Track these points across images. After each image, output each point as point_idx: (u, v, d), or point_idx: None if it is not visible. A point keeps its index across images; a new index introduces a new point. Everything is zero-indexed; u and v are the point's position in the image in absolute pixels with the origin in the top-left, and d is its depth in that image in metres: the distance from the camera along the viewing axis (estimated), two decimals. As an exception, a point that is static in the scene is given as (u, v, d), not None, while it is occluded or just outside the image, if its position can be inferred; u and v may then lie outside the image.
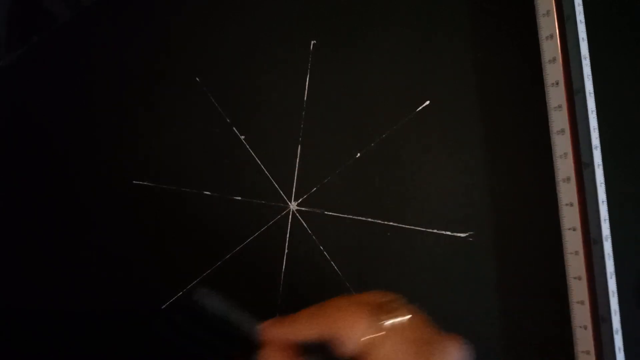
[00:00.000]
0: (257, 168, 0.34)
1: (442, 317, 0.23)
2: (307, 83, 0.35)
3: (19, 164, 0.36)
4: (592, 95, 0.32)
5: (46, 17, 0.37)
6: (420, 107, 0.34)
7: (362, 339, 0.22)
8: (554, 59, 0.33)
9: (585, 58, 0.32)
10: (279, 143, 0.34)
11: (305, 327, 0.24)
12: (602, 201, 0.31)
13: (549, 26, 0.33)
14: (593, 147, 0.31)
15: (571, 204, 0.32)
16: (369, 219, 0.33)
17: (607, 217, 0.31)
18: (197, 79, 0.36)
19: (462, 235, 0.33)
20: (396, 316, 0.23)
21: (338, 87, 0.35)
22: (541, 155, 0.33)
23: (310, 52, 0.35)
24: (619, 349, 0.29)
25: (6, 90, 0.37)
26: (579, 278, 0.31)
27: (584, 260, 0.31)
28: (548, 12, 0.33)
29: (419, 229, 0.33)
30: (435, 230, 0.33)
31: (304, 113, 0.35)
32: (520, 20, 0.34)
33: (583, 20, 0.33)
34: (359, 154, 0.34)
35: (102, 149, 0.36)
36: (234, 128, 0.35)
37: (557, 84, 0.32)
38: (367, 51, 0.35)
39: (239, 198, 0.34)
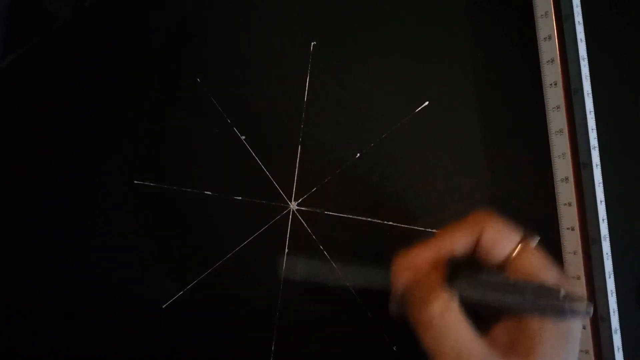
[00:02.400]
0: (257, 168, 0.34)
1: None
2: (307, 83, 0.35)
3: (19, 164, 0.36)
4: (590, 95, 0.32)
5: (46, 17, 0.37)
6: (419, 108, 0.34)
7: (517, 249, 0.23)
8: (552, 60, 0.33)
9: (583, 59, 0.32)
10: (279, 143, 0.35)
11: (455, 239, 0.24)
12: (601, 201, 0.31)
13: (547, 27, 0.33)
14: (591, 147, 0.31)
15: (569, 204, 0.32)
16: (369, 219, 0.33)
17: (605, 216, 0.31)
18: (198, 79, 0.36)
19: (462, 235, 0.33)
20: (535, 235, 0.24)
21: (338, 88, 0.35)
22: (540, 156, 0.33)
23: (310, 53, 0.35)
24: (618, 349, 0.30)
25: (6, 90, 0.37)
26: (578, 277, 0.31)
27: (583, 259, 0.31)
28: (546, 13, 0.33)
29: (419, 228, 0.33)
30: (434, 230, 0.33)
31: (304, 113, 0.35)
32: (519, 21, 0.34)
33: (581, 21, 0.33)
34: (359, 154, 0.34)
35: (103, 149, 0.36)
36: (234, 128, 0.35)
37: (556, 84, 0.33)
38: (367, 51, 0.35)
39: (239, 198, 0.34)
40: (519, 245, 0.23)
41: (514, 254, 0.23)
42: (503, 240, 0.23)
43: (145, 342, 0.33)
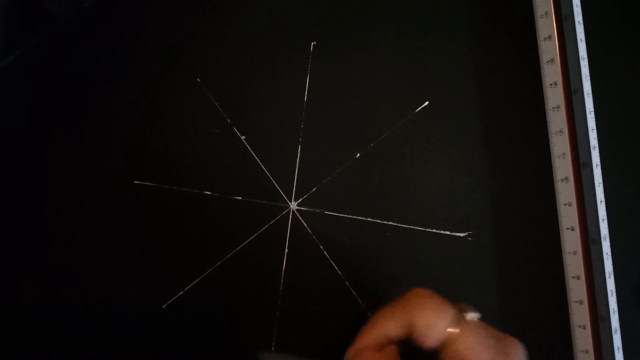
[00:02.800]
0: (257, 168, 0.34)
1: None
2: (307, 83, 0.35)
3: (19, 164, 0.36)
4: (590, 95, 0.32)
5: (46, 17, 0.37)
6: (419, 108, 0.34)
7: (448, 329, 0.22)
8: (552, 60, 0.33)
9: (583, 59, 0.32)
10: (279, 143, 0.35)
11: (390, 324, 0.24)
12: (601, 201, 0.31)
13: (547, 27, 0.33)
14: (591, 147, 0.31)
15: (570, 204, 0.32)
16: (369, 219, 0.33)
17: (605, 216, 0.31)
18: (198, 79, 0.36)
19: (461, 234, 0.33)
20: (473, 312, 0.24)
21: (338, 88, 0.35)
22: (540, 156, 0.33)
23: (310, 53, 0.35)
24: (618, 349, 0.30)
25: (6, 90, 0.37)
26: (578, 277, 0.31)
27: (583, 259, 0.31)
28: (547, 13, 0.33)
29: (419, 228, 0.33)
30: (434, 230, 0.33)
31: (304, 113, 0.35)
32: (519, 21, 0.34)
33: (581, 21, 0.33)
34: (359, 154, 0.34)
35: (103, 149, 0.36)
36: (234, 128, 0.35)
37: (556, 84, 0.33)
38: (367, 51, 0.35)
39: (239, 198, 0.34)
40: (454, 327, 0.22)
41: (447, 338, 0.22)
42: (435, 325, 0.23)
43: (145, 342, 0.33)
